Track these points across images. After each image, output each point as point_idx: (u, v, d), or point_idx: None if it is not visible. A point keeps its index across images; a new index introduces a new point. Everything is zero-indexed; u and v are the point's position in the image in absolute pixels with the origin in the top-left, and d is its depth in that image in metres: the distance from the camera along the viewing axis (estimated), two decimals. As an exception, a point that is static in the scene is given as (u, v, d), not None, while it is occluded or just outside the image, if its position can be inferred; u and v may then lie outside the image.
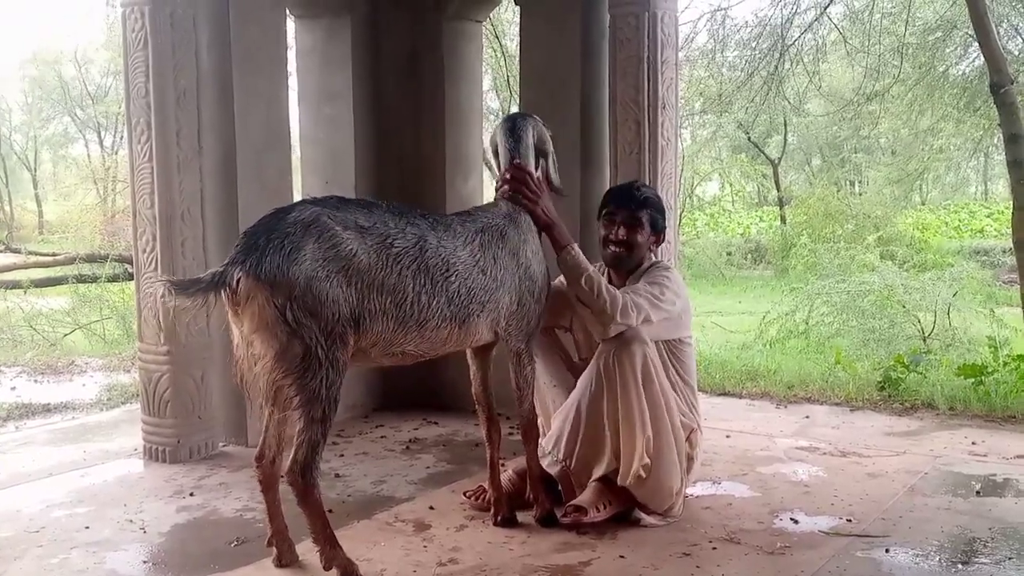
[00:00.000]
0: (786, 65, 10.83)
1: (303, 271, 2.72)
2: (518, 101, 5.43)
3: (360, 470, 4.19)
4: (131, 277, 5.36)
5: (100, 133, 27.98)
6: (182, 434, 4.30)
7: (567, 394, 3.60)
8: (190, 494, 3.86)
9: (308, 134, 5.32)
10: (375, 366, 3.28)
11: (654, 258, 3.72)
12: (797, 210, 17.75)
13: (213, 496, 3.83)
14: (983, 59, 8.02)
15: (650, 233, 3.62)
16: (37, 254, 12.75)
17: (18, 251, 13.05)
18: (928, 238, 15.34)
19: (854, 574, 2.98)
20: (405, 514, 3.58)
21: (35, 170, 29.61)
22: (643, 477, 3.33)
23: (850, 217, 15.47)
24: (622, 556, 3.13)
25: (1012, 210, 6.93)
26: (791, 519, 3.48)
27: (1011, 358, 5.54)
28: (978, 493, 3.77)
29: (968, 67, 12.65)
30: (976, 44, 8.80)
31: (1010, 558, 3.09)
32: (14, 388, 6.35)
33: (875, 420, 5.03)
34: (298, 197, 4.80)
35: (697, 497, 3.71)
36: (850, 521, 3.44)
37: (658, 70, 4.42)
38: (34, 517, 3.62)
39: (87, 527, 3.50)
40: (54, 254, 12.34)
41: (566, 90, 4.83)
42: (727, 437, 4.64)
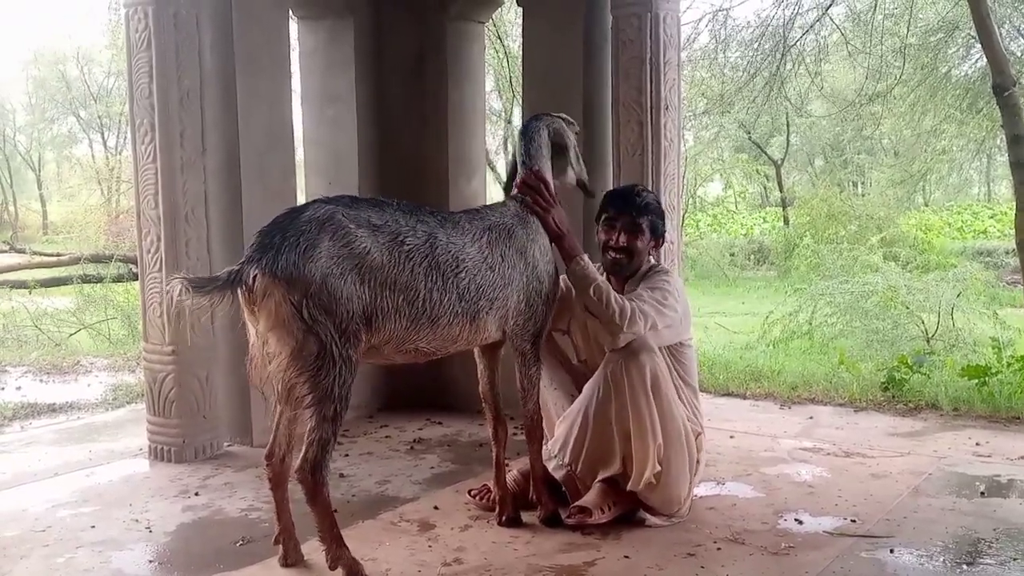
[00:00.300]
0: (788, 66, 10.83)
1: (319, 268, 2.73)
2: (521, 102, 5.43)
3: (365, 470, 4.19)
4: (136, 277, 5.37)
5: (104, 133, 28.03)
6: (187, 434, 4.31)
7: (566, 396, 3.61)
8: (195, 494, 3.87)
9: (311, 135, 5.32)
10: (387, 363, 3.29)
11: (653, 261, 3.72)
12: (800, 211, 17.76)
13: (218, 496, 3.84)
14: (985, 60, 8.03)
15: (650, 238, 3.62)
16: (42, 254, 12.80)
17: (23, 251, 13.09)
18: (931, 239, 15.32)
19: (858, 575, 2.98)
20: (410, 514, 3.59)
21: (39, 170, 29.69)
22: (653, 484, 3.34)
23: (853, 218, 15.48)
24: (627, 556, 3.13)
25: (1015, 211, 6.94)
26: (795, 520, 3.48)
27: (1015, 359, 5.54)
28: (982, 494, 3.77)
29: (970, 68, 12.66)
30: (978, 45, 8.80)
31: (1015, 559, 3.09)
32: (19, 388, 6.37)
33: (879, 421, 5.03)
34: (301, 198, 4.82)
35: (701, 498, 3.71)
36: (854, 522, 3.44)
37: (660, 71, 4.43)
38: (40, 516, 3.63)
39: (93, 526, 3.51)
40: (58, 254, 12.39)
41: (569, 91, 4.83)
42: (731, 438, 4.64)
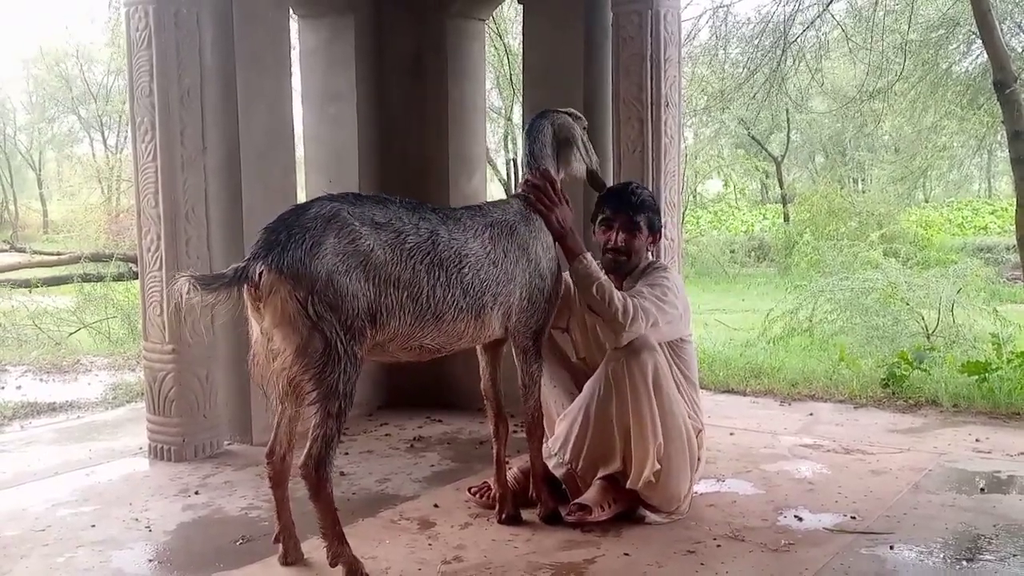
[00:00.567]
0: (788, 62, 10.83)
1: (324, 265, 2.73)
2: (521, 100, 5.43)
3: (365, 468, 4.19)
4: (136, 276, 5.37)
5: (104, 132, 28.03)
6: (187, 433, 4.31)
7: (566, 394, 3.61)
8: (195, 492, 3.87)
9: (312, 133, 5.32)
10: (392, 361, 3.29)
11: (651, 257, 3.72)
12: (800, 208, 17.75)
13: (218, 494, 3.84)
14: (986, 56, 8.02)
15: (648, 235, 3.63)
16: (42, 253, 12.81)
17: (23, 250, 13.10)
18: (931, 235, 15.34)
19: (858, 571, 2.98)
20: (410, 512, 3.59)
21: (39, 169, 29.69)
22: (653, 482, 3.34)
23: (853, 214, 15.49)
24: (627, 554, 3.14)
25: (1016, 207, 6.95)
26: (795, 516, 3.48)
27: (1015, 355, 5.54)
28: (982, 490, 3.77)
29: (971, 64, 12.65)
30: (979, 41, 8.80)
31: (1014, 555, 3.09)
32: (19, 387, 6.37)
33: (879, 417, 5.03)
34: (302, 196, 4.82)
35: (701, 495, 3.71)
36: (854, 518, 3.44)
37: (661, 68, 4.42)
38: (40, 516, 3.64)
39: (93, 526, 3.51)
40: (59, 253, 12.40)
41: (569, 88, 4.82)
42: (731, 435, 4.64)
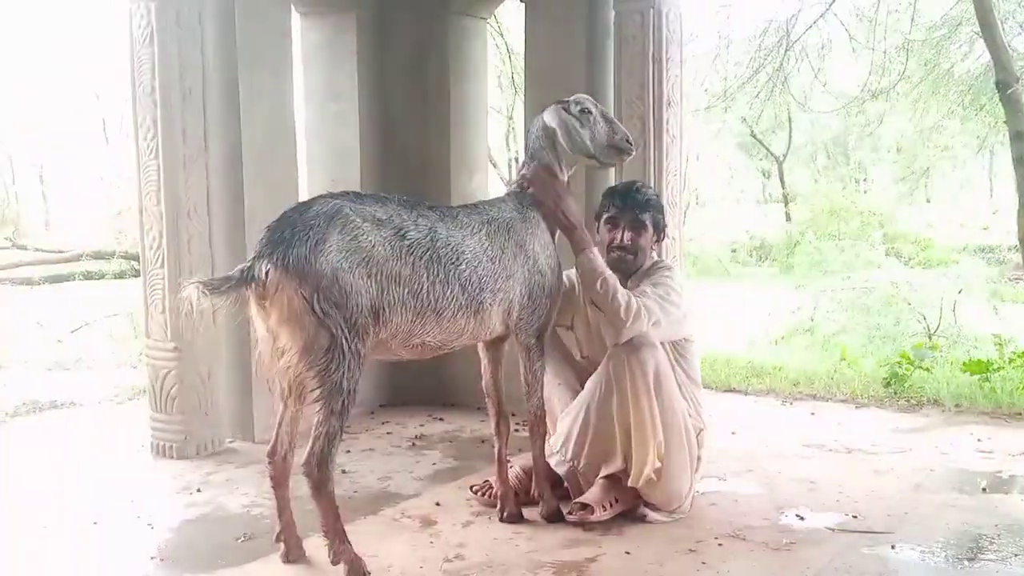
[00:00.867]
0: (791, 62, 10.81)
1: (329, 262, 2.75)
2: (523, 98, 5.43)
3: (367, 466, 4.20)
4: (138, 274, 5.37)
5: (105, 129, 27.97)
6: (189, 430, 4.31)
7: (570, 391, 3.61)
8: (197, 490, 3.87)
9: (314, 131, 5.32)
10: (394, 359, 3.30)
11: (655, 256, 3.72)
12: (802, 207, 17.73)
13: (220, 492, 3.84)
14: (988, 56, 8.02)
15: (653, 234, 3.63)
16: (44, 251, 12.80)
17: (25, 248, 13.09)
18: (933, 235, 15.32)
19: (860, 571, 2.98)
20: (411, 510, 3.59)
21: (41, 167, 29.60)
22: (654, 480, 3.34)
23: (855, 214, 15.46)
24: (628, 552, 3.14)
25: (1018, 207, 6.94)
26: (797, 516, 3.48)
27: (1017, 355, 5.55)
28: (984, 490, 3.77)
29: (973, 64, 12.61)
30: (982, 41, 8.79)
31: (1016, 555, 3.09)
32: (22, 384, 6.36)
33: (881, 417, 5.03)
34: (304, 194, 4.81)
35: (703, 494, 3.71)
36: (856, 518, 3.44)
37: (663, 67, 4.43)
38: (42, 513, 3.64)
39: (95, 522, 3.51)
40: (61, 251, 12.38)
41: (571, 87, 4.76)
42: (733, 434, 4.64)
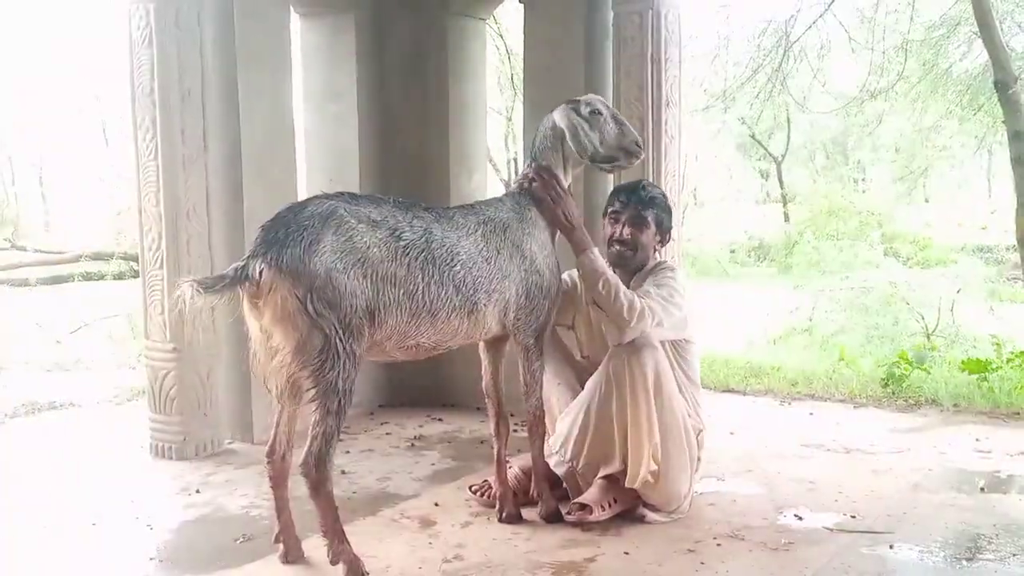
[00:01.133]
0: (790, 62, 10.82)
1: (323, 263, 2.76)
2: (522, 99, 5.43)
3: (366, 467, 4.20)
4: (137, 275, 5.37)
5: (104, 130, 27.95)
6: (188, 431, 4.31)
7: (570, 392, 3.61)
8: (196, 491, 3.87)
9: (313, 132, 5.32)
10: (389, 360, 3.30)
11: (658, 257, 3.72)
12: (801, 207, 17.73)
13: (219, 493, 3.85)
14: (987, 56, 8.01)
15: (655, 232, 3.63)
16: (43, 251, 12.79)
17: (24, 249, 13.07)
18: (931, 235, 15.32)
19: (859, 571, 2.98)
20: (410, 511, 3.60)
21: (40, 168, 29.59)
22: (651, 482, 3.34)
23: (854, 214, 15.46)
24: (627, 553, 3.14)
25: (1016, 207, 6.94)
26: (795, 516, 3.49)
27: (1015, 354, 5.55)
28: (982, 490, 3.78)
29: (972, 64, 12.61)
30: (980, 41, 8.79)
31: (1014, 554, 3.10)
32: (21, 385, 6.36)
33: (879, 417, 5.04)
34: (303, 195, 4.82)
35: (702, 494, 3.71)
36: (854, 518, 3.45)
37: (662, 68, 4.43)
38: (41, 514, 3.64)
39: (94, 523, 3.52)
40: (60, 252, 12.37)
41: (570, 88, 4.78)
42: (731, 434, 4.64)
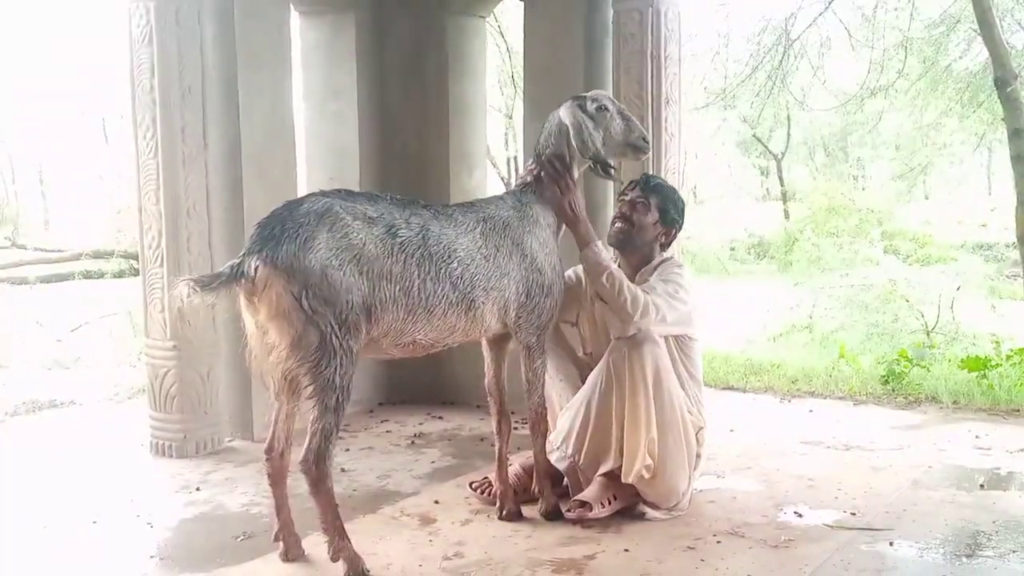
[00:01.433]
0: (790, 60, 10.81)
1: (318, 260, 2.76)
2: (522, 97, 5.43)
3: (366, 464, 4.20)
4: (137, 273, 5.38)
5: (104, 128, 27.94)
6: (188, 429, 4.32)
7: (572, 388, 3.61)
8: (196, 489, 3.88)
9: (312, 130, 5.33)
10: (387, 357, 3.31)
11: (665, 255, 3.72)
12: (801, 205, 17.72)
13: (219, 491, 3.85)
14: (987, 53, 8.01)
15: (658, 220, 3.62)
16: (43, 250, 12.78)
17: (24, 247, 13.07)
18: (931, 232, 15.31)
19: (858, 567, 2.99)
20: (410, 508, 3.60)
21: (40, 166, 29.57)
22: (647, 477, 3.34)
23: (853, 211, 15.45)
24: (626, 550, 3.15)
25: (1016, 205, 6.94)
26: (795, 513, 3.49)
27: (1014, 352, 5.55)
28: (982, 487, 3.78)
29: (971, 61, 12.60)
30: (980, 39, 8.78)
31: (1014, 551, 3.10)
32: (21, 383, 6.37)
33: (879, 414, 5.04)
34: (303, 193, 4.82)
35: (701, 491, 3.72)
36: (854, 515, 3.45)
37: (662, 65, 4.43)
38: (41, 512, 3.65)
39: (94, 522, 3.52)
40: (60, 250, 12.36)
41: (570, 85, 4.79)
42: (731, 431, 4.65)
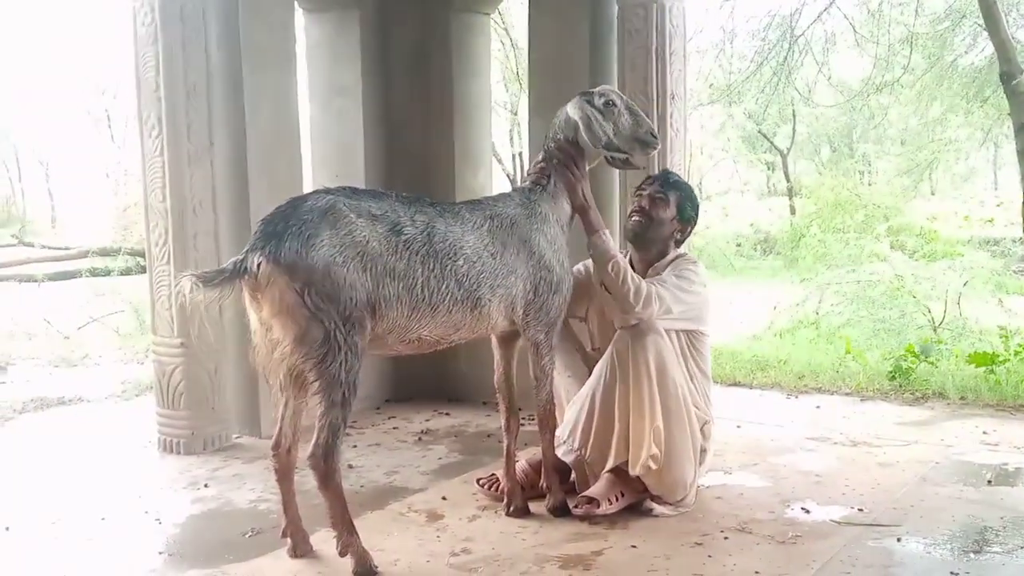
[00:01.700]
0: (795, 56, 10.80)
1: (321, 257, 2.77)
2: (527, 94, 5.43)
3: (373, 461, 4.21)
4: (144, 270, 5.39)
5: (111, 127, 27.99)
6: (196, 426, 4.33)
7: (580, 383, 3.61)
8: (204, 485, 3.89)
9: (317, 128, 5.33)
10: (393, 354, 3.31)
11: (680, 251, 3.70)
12: (807, 200, 17.67)
13: (227, 487, 3.86)
14: (992, 48, 8.00)
15: (675, 216, 3.62)
16: (50, 248, 12.83)
17: (31, 245, 13.13)
18: (938, 228, 15.26)
19: (866, 563, 2.99)
20: (418, 504, 3.61)
21: (47, 164, 29.66)
22: (653, 468, 3.34)
23: (860, 207, 15.41)
24: (634, 546, 3.15)
25: (1022, 199, 6.93)
26: (803, 509, 3.49)
27: (1022, 347, 5.54)
28: (989, 482, 3.78)
29: (977, 56, 12.57)
30: (985, 33, 8.77)
31: (1022, 547, 3.09)
32: (29, 381, 6.39)
33: (886, 410, 5.03)
34: (308, 190, 4.83)
35: (709, 487, 3.72)
36: (861, 511, 3.45)
37: (667, 61, 4.42)
38: (50, 509, 3.66)
39: (103, 518, 3.53)
40: (67, 248, 12.42)
41: (575, 82, 4.79)
42: (738, 427, 4.65)
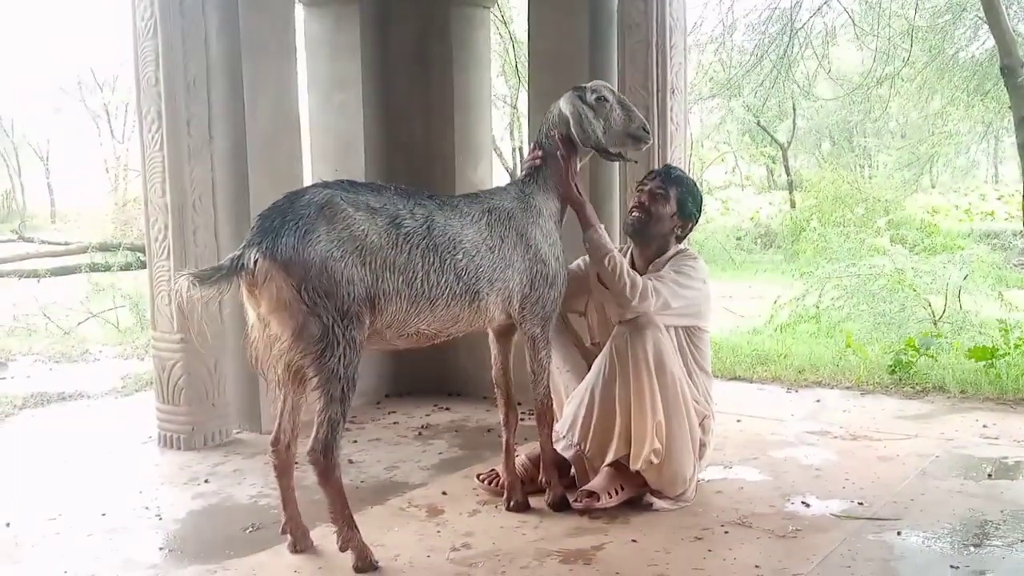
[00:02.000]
0: (795, 49, 10.79)
1: (318, 252, 2.76)
2: (527, 88, 5.42)
3: (373, 456, 4.21)
4: (144, 265, 5.39)
5: (110, 121, 27.99)
6: (196, 421, 4.33)
7: (579, 378, 3.61)
8: (205, 481, 3.89)
9: (318, 122, 5.32)
10: (391, 348, 3.31)
11: (680, 246, 3.70)
12: (807, 194, 17.66)
13: (227, 483, 3.86)
14: (993, 41, 7.99)
15: (676, 212, 3.61)
16: (50, 243, 12.83)
17: (31, 240, 13.12)
18: (938, 221, 15.25)
19: (866, 557, 2.99)
20: (418, 499, 3.61)
21: (47, 159, 29.69)
22: (655, 463, 3.35)
23: (860, 201, 15.40)
24: (634, 540, 3.15)
25: (1023, 193, 6.92)
26: (803, 503, 3.49)
27: (1022, 341, 5.53)
28: (990, 476, 3.78)
29: (978, 49, 12.56)
30: (986, 26, 8.76)
31: (1022, 540, 3.10)
32: (29, 376, 6.39)
33: (886, 404, 5.03)
34: (308, 184, 4.82)
35: (709, 481, 3.72)
36: (862, 504, 3.45)
37: (667, 55, 4.41)
38: (50, 504, 3.66)
39: (103, 514, 3.53)
40: (66, 243, 12.42)
41: (575, 75, 4.76)
42: (738, 421, 4.65)
